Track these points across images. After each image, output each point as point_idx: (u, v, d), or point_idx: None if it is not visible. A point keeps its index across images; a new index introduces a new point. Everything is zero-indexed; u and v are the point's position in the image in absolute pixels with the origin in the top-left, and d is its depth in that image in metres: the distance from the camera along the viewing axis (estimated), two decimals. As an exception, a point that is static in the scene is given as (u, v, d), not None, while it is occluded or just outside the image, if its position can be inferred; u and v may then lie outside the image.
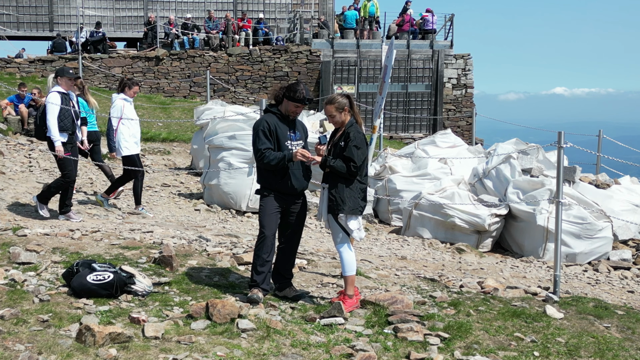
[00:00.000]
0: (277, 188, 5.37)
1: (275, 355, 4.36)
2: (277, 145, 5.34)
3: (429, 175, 10.22)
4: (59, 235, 6.73)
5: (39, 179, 10.57)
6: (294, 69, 24.07)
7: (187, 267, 6.07)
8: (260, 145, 5.28)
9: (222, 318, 4.77)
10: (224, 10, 25.65)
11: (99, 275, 5.07)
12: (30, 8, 25.22)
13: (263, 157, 5.26)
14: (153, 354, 4.13)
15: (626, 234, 9.14)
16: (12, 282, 5.16)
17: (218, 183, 9.76)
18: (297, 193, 5.47)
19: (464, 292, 6.17)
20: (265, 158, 5.26)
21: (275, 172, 5.34)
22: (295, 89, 5.32)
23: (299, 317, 5.15)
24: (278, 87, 5.49)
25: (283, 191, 5.38)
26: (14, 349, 4.00)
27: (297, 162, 5.36)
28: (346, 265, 5.34)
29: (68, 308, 4.78)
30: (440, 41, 24.99)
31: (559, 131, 6.40)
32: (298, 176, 5.39)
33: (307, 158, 5.21)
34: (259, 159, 5.31)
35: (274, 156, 5.25)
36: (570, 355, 4.84)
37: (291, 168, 5.35)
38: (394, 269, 7.09)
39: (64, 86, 7.88)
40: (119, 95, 8.78)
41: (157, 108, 19.68)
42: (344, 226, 5.25)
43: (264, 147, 5.28)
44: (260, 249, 5.36)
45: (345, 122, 5.31)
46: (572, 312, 5.78)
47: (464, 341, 4.88)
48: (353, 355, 4.44)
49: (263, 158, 5.26)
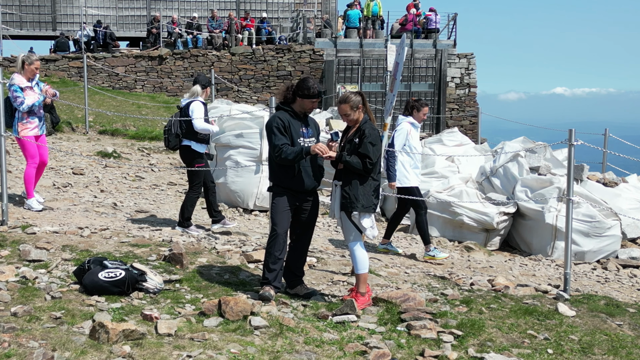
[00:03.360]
0: (288, 186, 5.35)
1: (289, 352, 4.35)
2: (290, 142, 5.31)
3: (437, 173, 10.19)
4: (68, 233, 6.72)
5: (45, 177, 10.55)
6: (297, 68, 24.06)
7: (197, 264, 6.05)
8: (277, 141, 5.26)
9: (235, 315, 4.76)
10: (227, 10, 25.66)
11: (110, 273, 5.06)
12: (34, 7, 25.23)
13: (281, 152, 5.23)
14: (167, 351, 4.12)
15: (635, 232, 9.12)
16: (24, 279, 5.15)
17: (225, 181, 9.75)
18: (309, 191, 5.45)
19: (475, 290, 6.16)
20: (283, 153, 5.22)
21: (287, 170, 5.32)
22: (307, 85, 5.31)
23: (311, 314, 5.13)
24: (284, 88, 5.47)
25: (295, 189, 5.36)
26: (28, 345, 3.99)
27: (310, 160, 5.34)
28: (359, 263, 5.32)
29: (80, 305, 4.77)
30: (443, 40, 24.97)
31: (570, 129, 6.36)
32: (310, 174, 5.37)
33: (323, 152, 5.18)
34: (276, 154, 5.27)
35: (292, 151, 5.22)
36: (584, 352, 4.82)
37: (303, 166, 5.32)
38: (404, 267, 7.07)
39: (203, 96, 7.75)
40: (406, 118, 7.69)
41: (161, 107, 19.67)
42: (357, 224, 5.23)
43: (281, 142, 5.24)
44: (272, 247, 5.34)
45: (360, 120, 5.30)
46: (584, 310, 5.76)
47: (477, 339, 4.86)
48: (367, 352, 4.43)
49: (281, 153, 5.23)
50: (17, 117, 7.91)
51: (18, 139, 8.06)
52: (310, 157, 5.35)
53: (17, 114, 7.91)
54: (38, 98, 7.93)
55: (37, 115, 8.03)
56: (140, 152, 14.32)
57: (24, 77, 7.88)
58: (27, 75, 7.91)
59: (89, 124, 16.03)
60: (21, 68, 7.90)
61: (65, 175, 10.94)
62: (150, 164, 13.17)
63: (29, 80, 7.92)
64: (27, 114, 7.90)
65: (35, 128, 8.01)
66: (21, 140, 7.99)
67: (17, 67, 7.94)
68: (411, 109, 7.67)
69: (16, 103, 7.81)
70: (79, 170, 11.17)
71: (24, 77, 7.89)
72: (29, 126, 7.96)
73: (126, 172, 11.48)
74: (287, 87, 5.45)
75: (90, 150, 13.42)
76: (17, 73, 7.92)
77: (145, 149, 14.65)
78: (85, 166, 11.58)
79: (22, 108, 7.80)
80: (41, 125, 8.11)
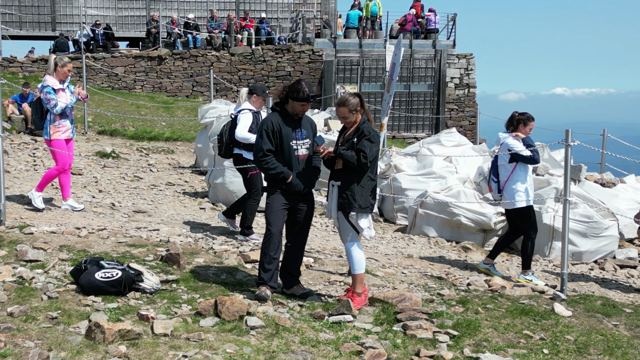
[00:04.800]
0: (283, 187, 5.37)
1: (284, 352, 4.35)
2: (280, 145, 5.33)
3: (435, 173, 10.21)
4: (65, 233, 6.73)
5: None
6: (297, 69, 24.07)
7: (194, 265, 6.06)
8: (263, 145, 5.30)
9: (231, 315, 4.77)
10: (227, 10, 25.66)
11: (107, 273, 5.06)
12: (33, 8, 25.24)
13: (265, 159, 5.28)
14: (163, 351, 4.13)
15: (632, 232, 9.12)
16: (20, 279, 5.16)
17: (223, 182, 9.75)
18: (303, 193, 5.47)
19: (471, 290, 6.17)
20: (265, 162, 5.28)
21: None
22: (297, 88, 5.32)
23: (308, 314, 5.14)
24: (281, 87, 5.49)
25: (288, 191, 5.38)
26: (24, 345, 4.00)
27: (304, 163, 5.37)
28: (355, 263, 5.34)
29: (76, 305, 4.78)
30: (442, 41, 24.98)
31: (567, 129, 6.38)
32: (304, 177, 5.38)
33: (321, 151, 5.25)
34: (259, 158, 5.31)
35: (275, 166, 5.27)
36: (580, 353, 4.83)
37: (297, 169, 5.35)
38: (401, 267, 7.08)
39: (256, 104, 7.55)
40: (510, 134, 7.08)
41: (160, 107, 19.68)
42: (355, 225, 5.25)
43: (267, 147, 5.29)
44: (267, 247, 5.36)
45: (358, 121, 5.32)
46: (580, 310, 5.78)
47: (473, 339, 4.87)
48: (362, 352, 4.43)
49: (264, 162, 5.29)
50: (48, 120, 7.84)
51: (48, 142, 7.96)
52: (305, 160, 5.37)
53: (49, 116, 7.84)
54: (70, 100, 7.89)
55: (69, 118, 7.97)
56: (139, 152, 14.33)
57: (56, 79, 7.82)
58: (59, 77, 7.85)
59: (87, 124, 16.04)
60: (54, 70, 7.83)
61: (64, 176, 10.94)
62: (149, 164, 13.18)
63: (60, 82, 7.86)
64: (59, 116, 7.84)
65: (67, 131, 7.95)
66: (52, 144, 7.90)
67: (50, 69, 7.87)
68: (517, 123, 7.05)
69: (49, 105, 7.74)
70: (77, 171, 11.17)
71: (56, 78, 7.83)
72: (61, 129, 7.89)
73: (124, 173, 11.49)
74: (283, 88, 5.47)
75: (88, 151, 13.44)
76: (49, 75, 7.85)
77: (144, 149, 14.67)
78: (83, 166, 11.59)
79: (56, 110, 7.73)
80: (72, 128, 8.06)
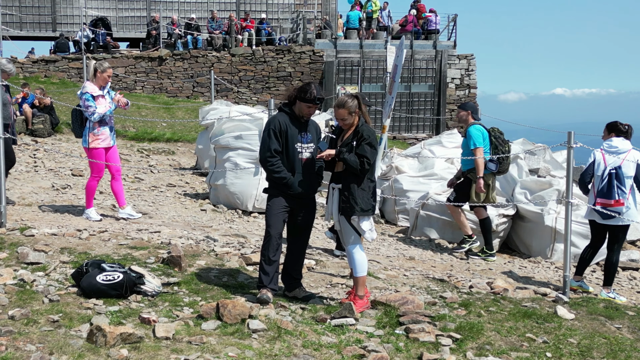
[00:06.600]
0: (284, 190, 5.35)
1: (286, 355, 4.34)
2: (285, 146, 5.32)
3: (436, 175, 10.19)
4: (66, 235, 6.70)
5: (44, 179, 10.56)
6: (297, 69, 24.05)
7: (196, 267, 6.04)
8: (270, 144, 5.27)
9: (233, 318, 4.75)
10: (227, 11, 25.65)
11: (108, 276, 5.04)
12: (33, 8, 25.23)
13: (272, 160, 5.26)
14: (164, 355, 4.11)
15: (634, 234, 9.08)
16: (22, 282, 5.13)
17: (224, 183, 9.74)
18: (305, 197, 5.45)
19: (473, 293, 6.15)
20: (271, 164, 5.27)
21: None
22: (305, 89, 5.31)
23: (310, 317, 5.12)
24: (292, 88, 5.49)
25: (290, 194, 5.36)
26: (25, 349, 3.98)
27: (307, 167, 5.35)
28: (357, 266, 5.31)
29: (78, 308, 4.75)
30: (443, 41, 24.96)
31: (569, 131, 6.35)
32: (306, 182, 5.36)
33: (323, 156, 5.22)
34: (266, 158, 5.29)
35: (280, 170, 5.26)
36: (583, 356, 4.81)
37: (299, 171, 5.33)
38: (403, 270, 7.06)
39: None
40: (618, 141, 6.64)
41: (161, 108, 19.66)
42: (357, 227, 5.23)
43: (274, 147, 5.27)
44: (266, 249, 5.34)
45: (356, 123, 5.30)
46: (583, 312, 5.76)
47: (475, 342, 4.85)
48: (365, 356, 4.42)
49: (270, 162, 5.27)
50: (88, 127, 7.65)
51: (87, 150, 7.76)
52: (307, 164, 5.35)
53: (88, 124, 7.65)
54: (109, 107, 7.71)
55: (109, 125, 7.79)
56: (140, 153, 14.31)
57: (95, 86, 7.66)
58: (99, 83, 7.68)
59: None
60: (93, 76, 7.67)
61: (65, 177, 10.93)
62: (150, 165, 13.16)
63: (100, 88, 7.69)
64: (98, 123, 7.65)
65: (106, 139, 7.75)
66: (90, 152, 7.72)
67: (89, 75, 7.70)
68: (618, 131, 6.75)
69: (87, 112, 7.55)
70: (78, 172, 11.16)
71: (96, 85, 7.66)
72: (101, 137, 7.69)
73: (125, 174, 11.47)
74: (293, 88, 5.47)
75: (89, 152, 13.40)
76: (89, 81, 7.68)
77: (145, 150, 14.65)
78: (84, 167, 11.56)
79: (94, 118, 7.55)
80: (112, 136, 7.88)
